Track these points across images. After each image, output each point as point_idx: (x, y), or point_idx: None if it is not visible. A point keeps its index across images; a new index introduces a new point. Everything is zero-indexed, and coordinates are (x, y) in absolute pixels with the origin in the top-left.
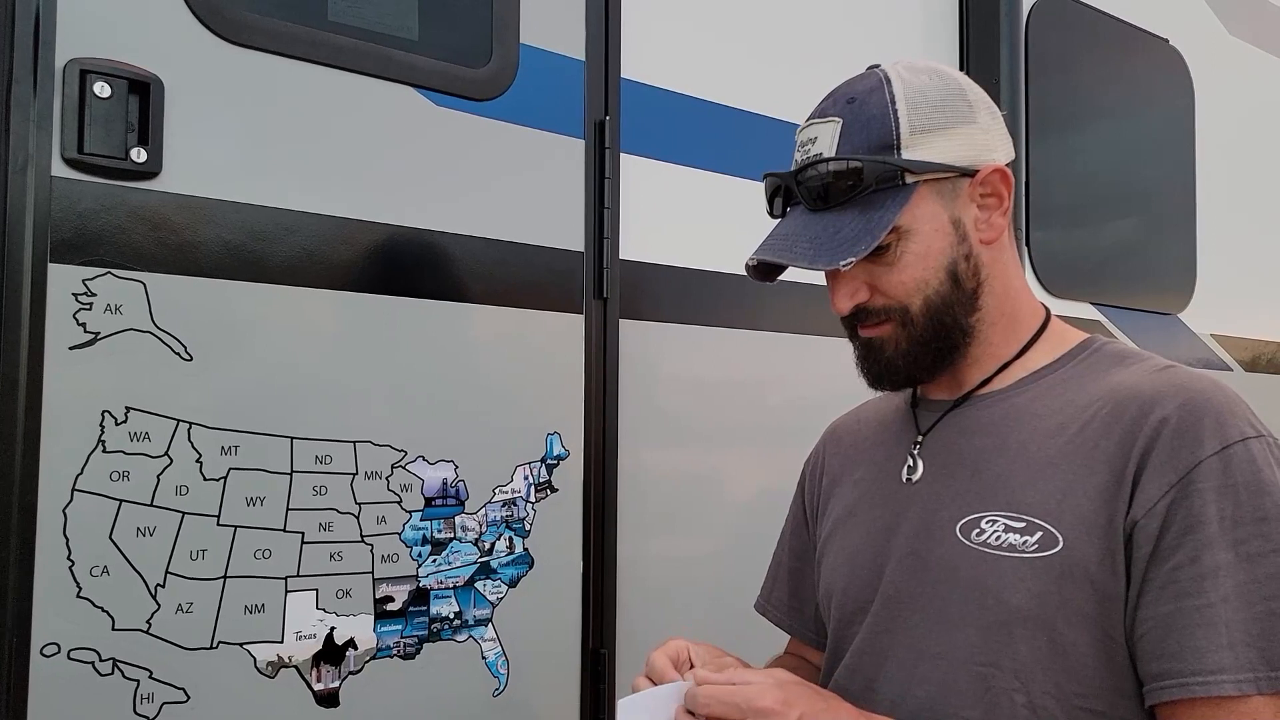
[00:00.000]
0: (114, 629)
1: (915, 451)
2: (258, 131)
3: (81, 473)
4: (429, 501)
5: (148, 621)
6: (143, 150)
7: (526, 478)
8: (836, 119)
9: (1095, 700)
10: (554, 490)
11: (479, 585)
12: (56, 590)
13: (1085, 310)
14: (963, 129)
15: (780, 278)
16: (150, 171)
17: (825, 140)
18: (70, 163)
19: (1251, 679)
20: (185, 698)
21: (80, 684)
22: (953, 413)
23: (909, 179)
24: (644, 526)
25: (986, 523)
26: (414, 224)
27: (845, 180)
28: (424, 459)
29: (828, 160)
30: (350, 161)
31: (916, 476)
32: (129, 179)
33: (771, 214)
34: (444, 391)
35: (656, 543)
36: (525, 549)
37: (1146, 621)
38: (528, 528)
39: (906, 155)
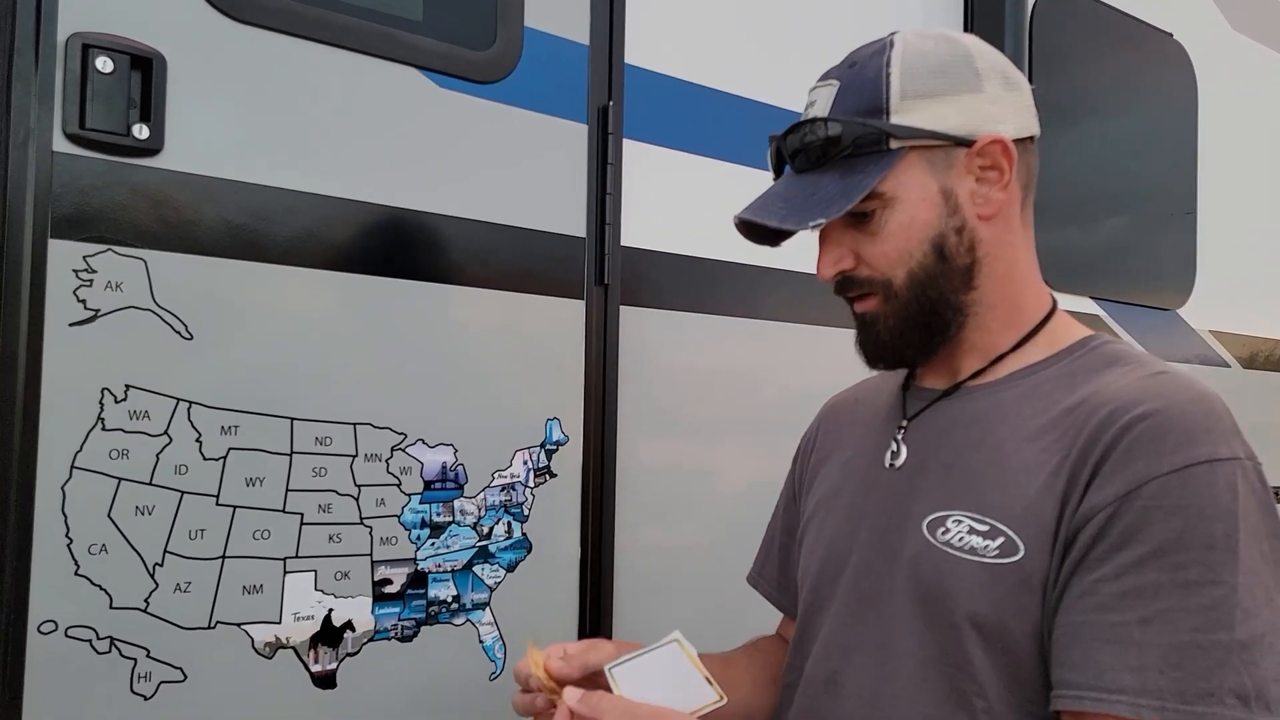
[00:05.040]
0: (112, 607)
1: (899, 437)
2: (260, 110)
3: (80, 450)
4: (428, 485)
5: (145, 600)
6: (144, 127)
7: (526, 463)
8: (835, 82)
9: (1045, 706)
10: (553, 475)
11: (477, 569)
12: (54, 568)
13: (1084, 304)
14: (963, 97)
15: (785, 267)
16: (152, 148)
17: (822, 103)
18: (72, 138)
19: (1157, 706)
20: (182, 677)
21: (77, 662)
22: (941, 401)
23: (894, 144)
24: (642, 513)
25: (953, 521)
26: (416, 206)
27: (825, 143)
28: (423, 442)
29: (807, 122)
30: (353, 142)
31: (899, 463)
32: (130, 155)
33: (775, 177)
34: (444, 375)
35: (654, 529)
36: (524, 534)
37: (1060, 627)
38: (526, 512)
39: (895, 120)
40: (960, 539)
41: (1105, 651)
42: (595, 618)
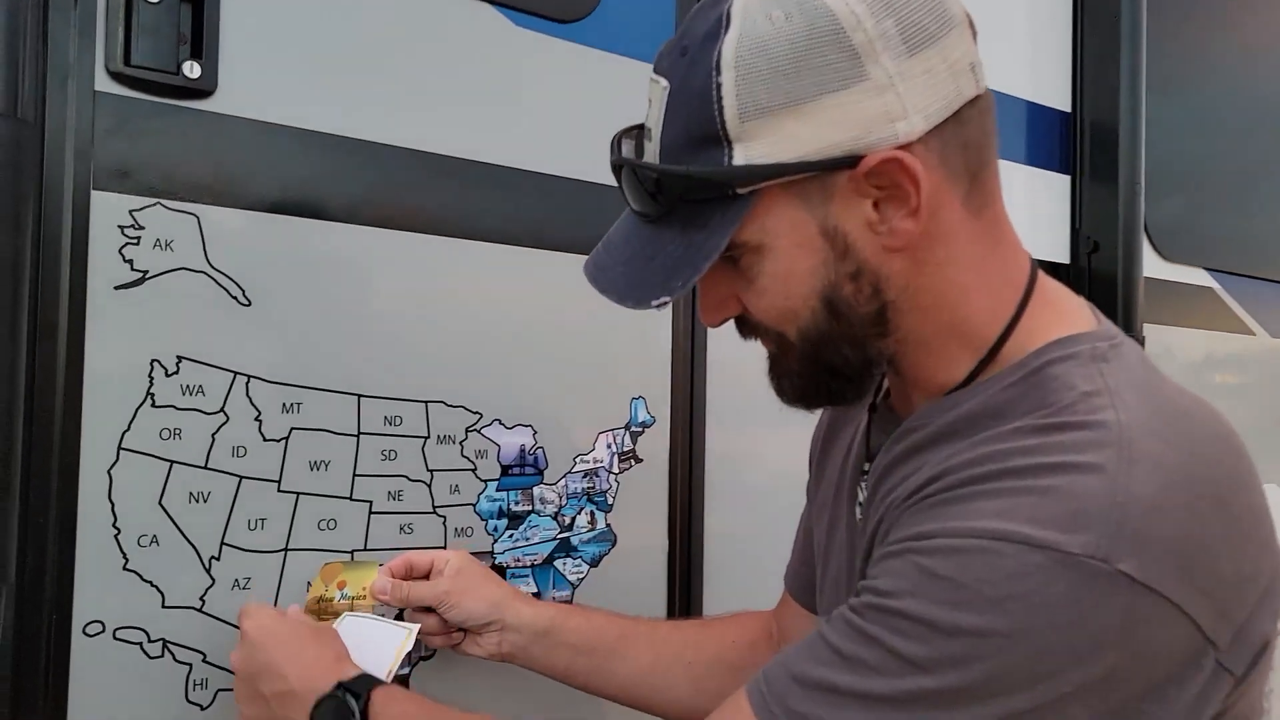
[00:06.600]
0: (164, 606)
1: (863, 484)
2: (323, 48)
3: (128, 430)
4: (505, 470)
5: (201, 599)
6: (196, 65)
7: (609, 446)
8: (665, 82)
9: None
10: (638, 460)
11: (558, 563)
12: (101, 562)
13: (1199, 276)
14: (832, 99)
15: None
16: (204, 90)
17: (655, 112)
18: (116, 76)
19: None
20: None
21: (127, 667)
22: (893, 439)
23: (740, 189)
24: (734, 501)
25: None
26: (491, 160)
27: (648, 190)
28: (500, 423)
29: (621, 165)
30: (424, 85)
31: (862, 515)
32: (181, 96)
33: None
34: (521, 348)
35: (747, 519)
36: (608, 524)
37: None
38: (610, 501)
39: (737, 155)
40: None
41: (795, 650)
42: (684, 616)
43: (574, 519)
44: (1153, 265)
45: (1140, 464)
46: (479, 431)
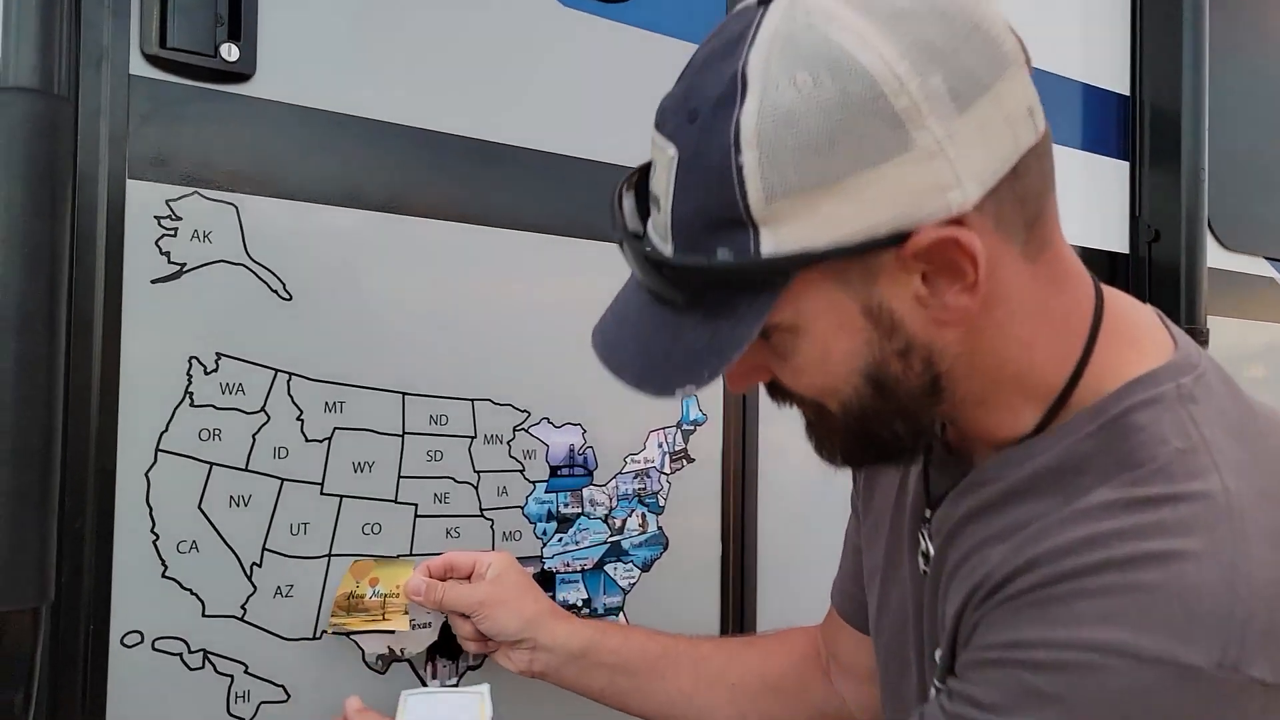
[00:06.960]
0: (204, 615)
1: (925, 532)
2: (366, 30)
3: (166, 430)
4: (554, 471)
5: (242, 607)
6: (234, 47)
7: (660, 445)
8: (673, 150)
9: None
10: (690, 460)
11: (609, 569)
12: (139, 569)
13: (1260, 266)
14: (872, 172)
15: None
16: (243, 73)
17: (662, 179)
18: (151, 59)
19: None
20: (285, 696)
21: (167, 678)
22: (957, 488)
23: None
24: (788, 500)
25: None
26: (540, 146)
27: (663, 275)
28: (549, 421)
29: (629, 239)
30: (470, 68)
31: (927, 568)
32: (219, 80)
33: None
34: (569, 343)
35: (801, 519)
36: (659, 527)
37: None
38: (661, 503)
39: (765, 243)
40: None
41: None
42: (739, 624)
43: (625, 521)
44: (1213, 255)
45: (1256, 541)
46: (527, 431)
